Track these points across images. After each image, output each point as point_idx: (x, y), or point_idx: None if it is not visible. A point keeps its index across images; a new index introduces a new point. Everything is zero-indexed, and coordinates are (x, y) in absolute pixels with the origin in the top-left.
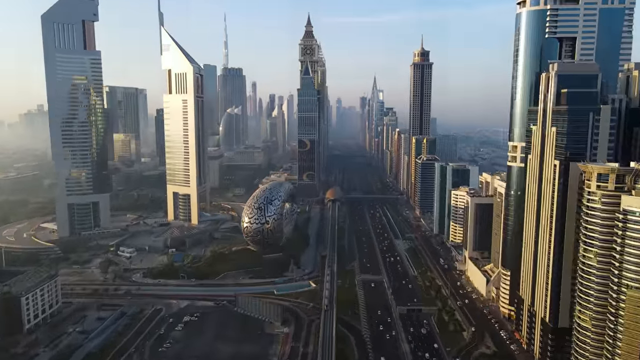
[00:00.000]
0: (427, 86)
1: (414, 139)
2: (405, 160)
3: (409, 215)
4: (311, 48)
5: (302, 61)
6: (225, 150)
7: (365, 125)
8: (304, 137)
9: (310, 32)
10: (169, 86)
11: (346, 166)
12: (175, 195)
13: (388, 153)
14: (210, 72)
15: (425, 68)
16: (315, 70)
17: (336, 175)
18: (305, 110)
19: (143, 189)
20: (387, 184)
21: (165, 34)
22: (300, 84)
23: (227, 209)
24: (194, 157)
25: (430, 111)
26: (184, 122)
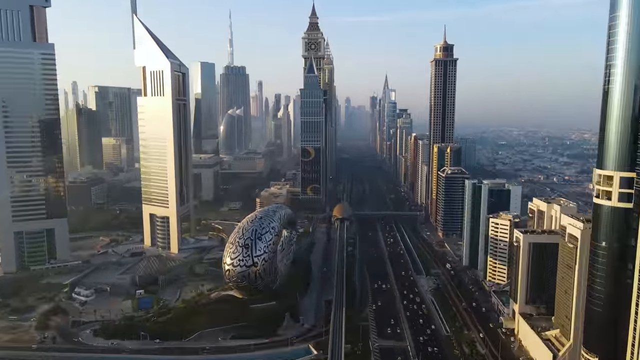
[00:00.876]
0: (451, 86)
1: (436, 147)
2: (424, 171)
3: (431, 238)
4: (316, 42)
5: (305, 57)
6: (227, 153)
7: (375, 126)
8: (307, 144)
9: (315, 24)
10: (144, 87)
11: (356, 172)
12: (153, 218)
13: (402, 159)
14: (209, 70)
15: (448, 65)
16: (322, 68)
17: (345, 184)
18: (310, 114)
19: (125, 203)
20: (402, 195)
21: (139, 25)
22: (304, 83)
23: (217, 230)
24: (173, 173)
25: (454, 115)
26: (161, 131)
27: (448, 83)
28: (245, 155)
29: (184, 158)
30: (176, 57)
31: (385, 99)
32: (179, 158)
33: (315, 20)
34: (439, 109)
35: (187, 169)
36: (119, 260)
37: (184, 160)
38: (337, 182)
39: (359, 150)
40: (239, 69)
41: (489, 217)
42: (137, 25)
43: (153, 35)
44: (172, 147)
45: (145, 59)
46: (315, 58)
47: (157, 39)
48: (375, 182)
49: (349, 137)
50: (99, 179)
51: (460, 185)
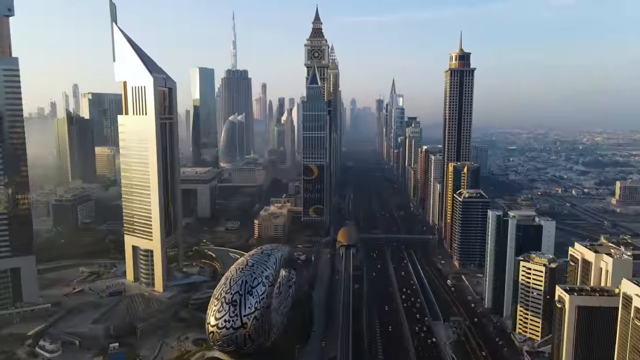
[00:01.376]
0: (468, 99)
1: (451, 166)
2: (437, 189)
3: (446, 269)
4: (320, 49)
5: (308, 66)
6: (227, 162)
7: (382, 131)
8: (310, 162)
9: (318, 30)
10: (125, 104)
11: (362, 184)
12: (136, 250)
13: (411, 171)
14: (208, 76)
15: (465, 75)
16: (326, 78)
17: (350, 197)
18: (312, 129)
19: (113, 222)
20: (412, 211)
21: (119, 35)
22: (307, 94)
23: (210, 259)
24: (157, 202)
25: (470, 130)
26: (143, 155)
27: (464, 95)
28: (245, 167)
29: (171, 183)
30: (162, 70)
31: (393, 105)
32: (164, 185)
33: (319, 26)
34: (454, 124)
35: (175, 195)
36: (96, 300)
37: (171, 185)
38: (342, 194)
39: (365, 157)
40: (241, 73)
41: (520, 261)
42: (117, 35)
43: (135, 46)
44: (155, 173)
45: (125, 73)
46: (319, 67)
47: (139, 51)
48: (382, 195)
49: (355, 140)
50: (86, 196)
51: (479, 210)
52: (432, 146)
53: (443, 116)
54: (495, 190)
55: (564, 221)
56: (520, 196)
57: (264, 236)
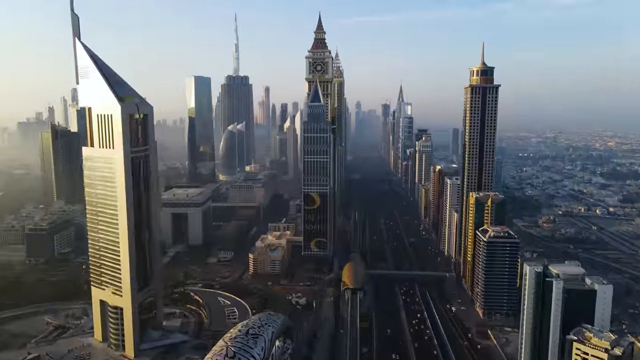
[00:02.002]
0: (491, 120)
1: (473, 197)
2: (454, 219)
3: (468, 318)
4: (323, 62)
5: (310, 80)
6: (226, 174)
7: (389, 138)
8: (311, 189)
9: (321, 41)
10: (89, 134)
11: (368, 201)
12: (104, 306)
13: (423, 190)
14: (204, 85)
15: (488, 93)
16: (329, 93)
17: (355, 220)
18: (314, 153)
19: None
20: (424, 237)
21: (82, 51)
22: (308, 113)
23: (196, 305)
24: (127, 252)
25: (493, 155)
26: (110, 197)
27: (488, 116)
28: (243, 184)
29: (147, 225)
30: (135, 92)
31: (401, 113)
32: (136, 230)
33: (322, 36)
34: (474, 147)
35: (152, 239)
36: None
37: (148, 227)
38: (347, 214)
39: (371, 166)
40: (241, 79)
41: (572, 341)
42: (81, 52)
43: (101, 65)
44: (125, 219)
45: (89, 98)
46: (322, 82)
47: (106, 71)
48: (391, 215)
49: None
50: (66, 222)
51: (506, 253)
52: (447, 166)
53: (463, 139)
54: (513, 209)
55: (592, 250)
56: (541, 217)
57: (259, 272)
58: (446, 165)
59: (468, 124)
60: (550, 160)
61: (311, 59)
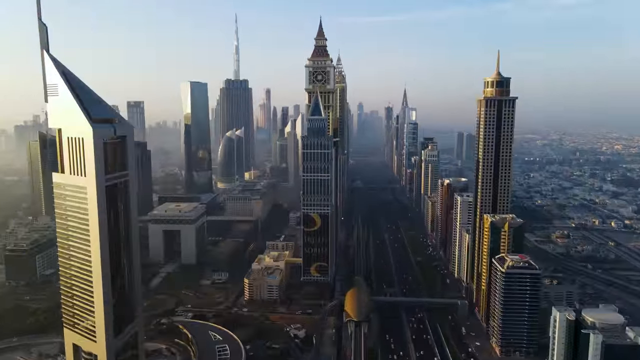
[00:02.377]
0: (507, 135)
1: (488, 220)
2: (465, 240)
3: (484, 354)
4: (324, 71)
5: (310, 91)
6: (224, 182)
7: (392, 143)
8: (311, 210)
9: (322, 48)
10: (60, 159)
11: (372, 213)
12: (78, 351)
13: (429, 203)
14: (200, 90)
15: (504, 106)
16: (331, 105)
17: (359, 234)
18: (315, 170)
19: None
20: (431, 255)
21: (51, 66)
22: (308, 127)
23: (185, 339)
24: (101, 294)
25: (510, 174)
26: (82, 230)
27: (504, 131)
28: (240, 195)
29: (127, 259)
30: (113, 111)
31: (405, 118)
32: (113, 267)
33: (323, 43)
34: (489, 165)
35: (132, 278)
36: None
37: (126, 265)
38: (350, 227)
39: (374, 172)
40: (241, 83)
41: None
42: (50, 67)
43: (73, 81)
44: (98, 254)
45: (60, 118)
46: (323, 92)
47: (79, 88)
48: (396, 229)
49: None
50: (51, 241)
51: (527, 285)
52: (455, 179)
53: (476, 156)
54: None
55: (613, 271)
56: (555, 231)
57: (255, 298)
58: (455, 179)
59: (482, 139)
60: (557, 165)
61: (311, 68)
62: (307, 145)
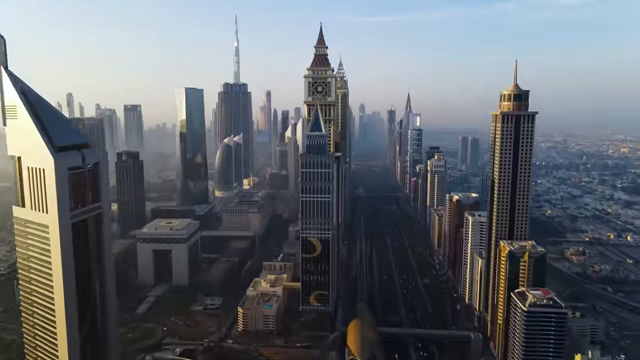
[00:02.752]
0: (526, 154)
1: (506, 249)
2: (479, 265)
3: None
4: (325, 82)
5: (309, 104)
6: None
7: (395, 148)
8: (310, 234)
9: (323, 57)
10: (19, 191)
11: (374, 225)
12: None
13: (435, 217)
14: (196, 97)
15: (523, 122)
16: (332, 119)
17: (362, 251)
18: (314, 191)
19: None
20: (440, 276)
21: (9, 85)
22: (307, 144)
23: None
24: (65, 347)
25: (529, 196)
26: (45, 273)
27: (522, 149)
28: (236, 208)
29: (98, 300)
30: (83, 136)
31: (409, 124)
32: (80, 309)
33: (324, 52)
34: (505, 186)
35: (105, 316)
36: None
37: (98, 304)
38: (352, 242)
39: (376, 178)
40: (240, 87)
41: None
42: (8, 86)
43: (35, 102)
44: (61, 299)
45: (19, 144)
46: (324, 105)
47: (41, 108)
48: (401, 244)
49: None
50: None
51: (551, 326)
52: (465, 195)
53: (491, 176)
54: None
55: (635, 295)
56: (569, 247)
57: (249, 329)
58: (464, 194)
59: (497, 157)
60: (564, 170)
61: (311, 79)
62: (306, 163)
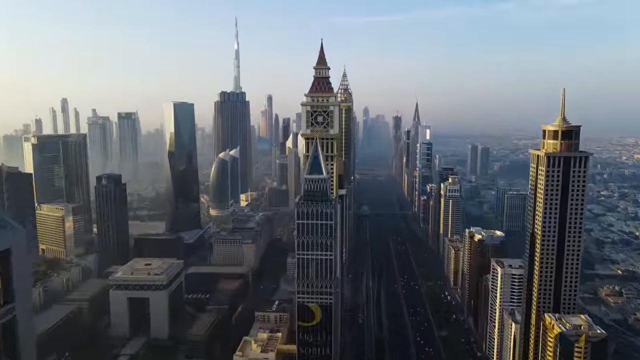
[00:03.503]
0: (577, 206)
1: (555, 330)
2: (512, 330)
3: None
4: (326, 111)
5: (308, 137)
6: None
7: (402, 159)
8: (308, 300)
9: (324, 80)
10: None
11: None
12: None
13: (451, 251)
14: (186, 113)
15: (573, 165)
16: (334, 155)
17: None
18: (312, 247)
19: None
20: (459, 325)
21: None
22: (303, 190)
23: None
24: None
25: (578, 260)
26: None
27: (572, 200)
28: (229, 237)
29: None
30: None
31: (418, 137)
32: None
33: (325, 74)
34: (550, 247)
35: None
36: None
37: None
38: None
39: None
40: (237, 95)
41: None
42: None
43: None
44: None
45: None
46: (326, 139)
47: None
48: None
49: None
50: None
51: None
52: (488, 234)
53: (529, 228)
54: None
55: None
56: (602, 286)
57: None
58: (488, 233)
59: (540, 208)
60: None
61: (309, 107)
62: (303, 214)
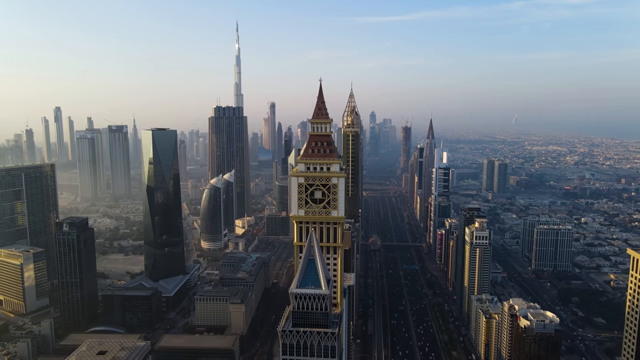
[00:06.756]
0: None
1: None
2: None
3: None
4: (327, 185)
5: (299, 221)
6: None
7: (414, 178)
8: None
9: (323, 141)
10: None
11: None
12: None
13: (484, 321)
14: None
15: None
16: (338, 247)
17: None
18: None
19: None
20: None
21: None
22: (293, 308)
23: None
24: None
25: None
26: None
27: None
28: (213, 294)
29: None
30: None
31: (435, 160)
32: None
33: (326, 130)
34: None
35: None
36: None
37: None
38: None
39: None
40: (233, 110)
41: None
42: None
43: None
44: None
45: None
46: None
47: None
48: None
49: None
50: None
51: None
52: (537, 317)
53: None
54: (609, 322)
55: None
56: None
57: None
58: (533, 309)
59: None
60: (605, 200)
61: (303, 179)
62: (291, 347)
